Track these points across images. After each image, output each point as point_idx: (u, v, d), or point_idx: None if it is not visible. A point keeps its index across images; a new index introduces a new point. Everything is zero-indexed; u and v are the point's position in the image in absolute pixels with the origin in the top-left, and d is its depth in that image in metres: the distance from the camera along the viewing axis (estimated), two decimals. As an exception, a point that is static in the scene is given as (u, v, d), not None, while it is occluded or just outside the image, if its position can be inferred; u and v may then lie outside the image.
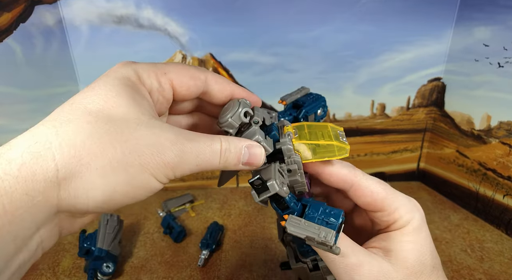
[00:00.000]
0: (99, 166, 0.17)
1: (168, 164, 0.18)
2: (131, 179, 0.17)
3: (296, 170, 0.24)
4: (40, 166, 0.16)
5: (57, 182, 0.16)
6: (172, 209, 0.62)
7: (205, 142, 0.20)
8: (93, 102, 0.18)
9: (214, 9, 0.57)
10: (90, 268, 0.43)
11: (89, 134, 0.17)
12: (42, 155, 0.16)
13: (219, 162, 0.20)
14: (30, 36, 0.50)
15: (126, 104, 0.19)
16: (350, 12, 0.59)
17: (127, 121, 0.18)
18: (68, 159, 0.16)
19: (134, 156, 0.17)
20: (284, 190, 0.22)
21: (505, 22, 0.50)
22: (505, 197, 0.53)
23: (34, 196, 0.15)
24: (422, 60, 0.63)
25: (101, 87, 0.19)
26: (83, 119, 0.17)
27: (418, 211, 0.25)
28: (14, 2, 0.47)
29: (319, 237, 0.21)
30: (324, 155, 0.24)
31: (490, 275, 0.45)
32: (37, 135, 0.16)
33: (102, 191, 0.17)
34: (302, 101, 0.28)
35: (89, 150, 0.17)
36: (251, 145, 0.22)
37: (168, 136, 0.19)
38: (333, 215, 0.23)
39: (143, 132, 0.18)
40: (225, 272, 0.47)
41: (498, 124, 0.53)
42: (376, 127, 0.68)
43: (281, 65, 0.62)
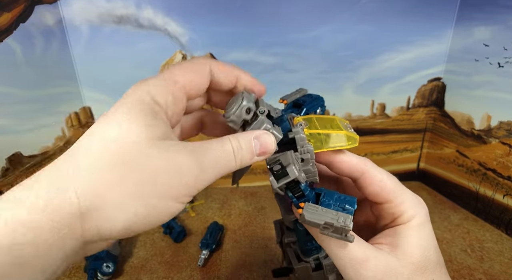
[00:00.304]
0: (116, 198, 0.17)
1: (188, 183, 0.19)
2: (151, 206, 0.18)
3: (309, 159, 0.24)
4: (64, 201, 0.16)
5: (80, 215, 0.17)
6: (172, 209, 0.62)
7: (217, 148, 0.20)
8: (109, 131, 0.18)
9: (214, 9, 0.57)
10: (90, 268, 0.43)
11: (106, 167, 0.17)
12: (65, 190, 0.16)
13: (235, 162, 0.21)
14: (30, 36, 0.50)
15: (140, 130, 0.19)
16: (350, 12, 0.59)
17: (141, 148, 0.18)
18: (88, 192, 0.17)
19: (152, 186, 0.18)
20: (302, 176, 0.22)
21: (505, 22, 0.50)
22: (505, 197, 0.53)
23: (60, 229, 0.16)
24: (422, 60, 0.63)
25: (116, 115, 0.19)
26: (100, 152, 0.18)
27: (423, 207, 0.25)
28: (14, 2, 0.47)
29: (338, 222, 0.21)
30: (335, 145, 0.24)
31: (490, 275, 0.45)
32: (60, 170, 0.17)
33: (122, 222, 0.18)
34: (302, 100, 0.29)
35: (105, 183, 0.17)
36: (259, 135, 0.22)
37: (183, 155, 0.19)
38: (348, 202, 0.23)
39: (157, 157, 0.18)
40: (225, 272, 0.47)
41: (498, 124, 0.53)
42: (376, 127, 0.68)
43: (281, 65, 0.62)
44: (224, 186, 0.71)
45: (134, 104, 0.20)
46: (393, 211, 0.25)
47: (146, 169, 0.18)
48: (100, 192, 0.17)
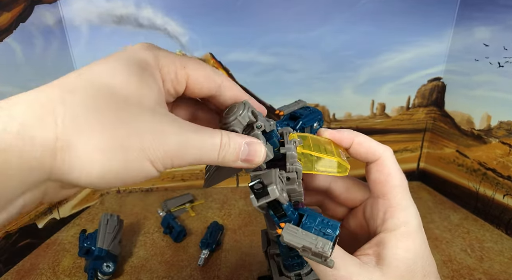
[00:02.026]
0: (98, 143, 0.16)
1: (168, 152, 0.18)
2: (129, 162, 0.17)
3: (295, 179, 0.24)
4: (41, 131, 0.15)
5: (54, 151, 0.16)
6: (172, 209, 0.63)
7: (206, 135, 0.20)
8: (103, 75, 0.18)
9: (214, 9, 0.57)
10: (90, 267, 0.43)
11: (93, 109, 0.16)
12: (44, 121, 0.15)
13: (217, 156, 0.20)
14: (30, 35, 0.50)
15: (136, 85, 0.18)
16: (350, 13, 0.59)
17: (134, 103, 0.18)
18: (69, 130, 0.16)
19: (135, 140, 0.17)
20: (284, 196, 0.22)
21: (505, 22, 0.50)
22: (505, 196, 0.53)
23: (28, 160, 0.15)
24: (422, 60, 0.63)
25: (114, 62, 0.19)
26: (90, 92, 0.17)
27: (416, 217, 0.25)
28: (14, 2, 0.47)
29: (316, 248, 0.21)
30: (326, 169, 0.24)
31: (490, 274, 0.45)
32: (43, 98, 0.16)
33: (97, 169, 0.17)
34: (299, 113, 0.29)
35: (91, 125, 0.16)
36: (251, 142, 0.21)
37: (172, 125, 0.18)
38: (330, 227, 0.22)
39: (147, 117, 0.18)
40: (225, 271, 0.47)
41: (498, 124, 0.53)
42: (376, 127, 0.68)
43: (281, 65, 0.62)
44: (224, 186, 0.71)
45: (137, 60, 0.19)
46: (385, 210, 0.25)
47: (134, 124, 0.17)
48: (82, 134, 0.16)
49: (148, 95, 0.19)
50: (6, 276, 0.47)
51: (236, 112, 0.22)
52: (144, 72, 0.19)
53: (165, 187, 0.71)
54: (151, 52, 0.21)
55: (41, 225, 0.54)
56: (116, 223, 0.48)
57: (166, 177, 0.70)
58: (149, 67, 0.20)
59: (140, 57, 0.20)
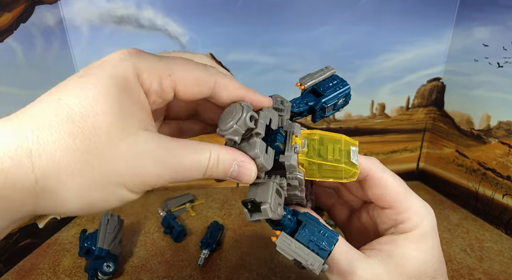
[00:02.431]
0: (76, 185, 0.17)
1: (146, 182, 0.18)
2: (107, 196, 0.18)
3: (297, 186, 0.23)
4: (20, 176, 0.15)
5: (35, 193, 0.16)
6: (172, 209, 0.63)
7: (191, 156, 0.19)
8: (80, 105, 0.17)
9: (214, 9, 0.58)
10: (91, 267, 0.43)
11: (69, 150, 0.16)
12: (22, 164, 0.15)
13: (202, 175, 0.20)
14: (30, 36, 0.51)
15: (115, 113, 0.17)
16: (350, 13, 0.59)
17: (111, 135, 0.17)
18: (47, 173, 0.16)
19: (112, 176, 0.17)
20: (278, 212, 0.21)
21: (504, 22, 0.50)
22: (505, 196, 0.53)
23: (12, 202, 0.16)
24: (422, 60, 0.63)
25: (91, 87, 0.17)
26: (66, 129, 0.16)
27: (429, 217, 0.24)
28: (14, 2, 0.48)
29: (307, 264, 0.21)
30: (330, 176, 0.22)
31: (490, 274, 0.45)
32: (18, 136, 0.16)
33: (78, 205, 0.17)
34: (322, 89, 0.25)
35: (67, 167, 0.16)
36: (242, 162, 0.20)
37: (152, 153, 0.18)
38: (327, 239, 0.22)
39: (124, 149, 0.17)
40: (225, 271, 0.47)
41: (498, 124, 0.53)
42: (376, 127, 0.68)
43: (281, 65, 0.62)
44: (224, 186, 0.71)
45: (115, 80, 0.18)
46: (395, 217, 0.24)
47: (110, 160, 0.17)
48: (59, 177, 0.16)
49: (127, 122, 0.18)
50: (7, 276, 0.47)
51: (233, 117, 0.20)
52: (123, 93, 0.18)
53: (166, 187, 0.71)
54: (131, 63, 0.19)
55: (41, 225, 0.54)
56: (117, 223, 0.48)
57: (166, 177, 0.70)
58: (128, 85, 0.18)
59: (118, 74, 0.18)
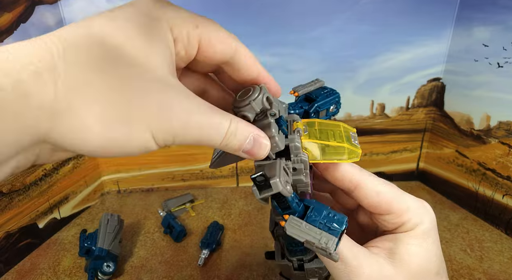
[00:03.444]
0: (102, 111, 0.15)
1: (171, 129, 0.17)
2: (131, 134, 0.16)
3: (302, 169, 0.23)
4: (38, 90, 0.14)
5: (52, 113, 0.14)
6: (172, 209, 0.63)
7: (214, 118, 0.18)
8: (114, 35, 0.16)
9: (214, 9, 0.58)
10: (91, 267, 0.43)
11: (98, 71, 0.15)
12: (43, 78, 0.14)
13: (220, 142, 0.19)
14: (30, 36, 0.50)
15: (148, 51, 0.17)
16: (350, 13, 0.59)
17: (144, 71, 0.16)
18: (71, 91, 0.14)
19: (141, 112, 0.16)
20: (287, 189, 0.21)
21: (504, 22, 0.50)
22: (505, 197, 0.53)
23: (23, 119, 0.14)
24: (422, 60, 0.63)
25: (125, 21, 0.17)
26: (97, 52, 0.15)
27: (428, 214, 0.23)
28: (14, 2, 0.48)
29: (320, 243, 0.20)
30: (333, 157, 0.23)
31: (490, 274, 0.45)
32: (42, 52, 0.14)
33: (98, 138, 0.15)
34: (315, 95, 0.27)
35: (95, 89, 0.15)
36: (258, 136, 0.20)
37: (182, 101, 0.17)
38: (337, 221, 0.22)
39: (156, 88, 0.16)
40: (225, 271, 0.47)
41: (498, 124, 0.53)
42: (376, 127, 0.68)
43: (281, 65, 0.62)
44: (224, 186, 0.72)
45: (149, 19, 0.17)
46: (394, 221, 0.24)
47: (142, 95, 0.16)
48: (85, 99, 0.14)
49: (157, 61, 0.17)
50: (7, 276, 0.47)
51: (250, 96, 0.21)
52: (154, 32, 0.17)
53: (166, 187, 0.71)
54: (161, 8, 0.18)
55: (41, 225, 0.54)
56: (117, 223, 0.48)
57: (166, 177, 0.70)
58: (159, 26, 0.18)
59: (150, 14, 0.18)
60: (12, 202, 0.48)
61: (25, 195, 0.51)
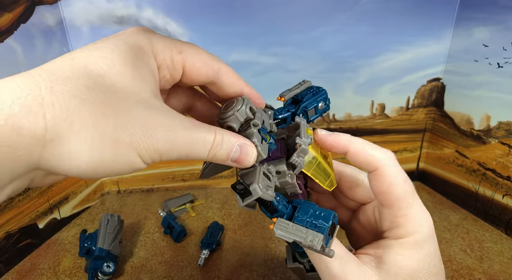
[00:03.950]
0: (89, 136, 0.16)
1: (157, 149, 0.18)
2: (118, 155, 0.17)
3: (285, 171, 0.23)
4: (29, 122, 0.14)
5: (43, 142, 0.15)
6: (172, 209, 0.63)
7: (199, 132, 0.19)
8: (96, 64, 0.17)
9: (214, 9, 0.58)
10: (91, 267, 0.43)
11: (85, 100, 0.16)
12: (33, 111, 0.15)
13: (207, 155, 0.20)
14: (30, 36, 0.51)
15: (131, 76, 0.18)
16: (350, 13, 0.59)
17: (127, 95, 0.17)
18: (59, 121, 0.15)
19: (126, 134, 0.17)
20: (268, 193, 0.21)
21: (504, 22, 0.50)
22: (505, 197, 0.53)
23: (16, 150, 0.14)
24: (422, 60, 0.63)
25: (108, 50, 0.18)
26: (82, 82, 0.16)
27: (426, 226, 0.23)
28: (15, 3, 0.48)
29: (306, 241, 0.21)
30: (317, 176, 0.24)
31: (490, 274, 0.45)
32: (30, 86, 0.15)
33: (86, 162, 0.16)
34: (301, 96, 0.27)
35: (81, 117, 0.16)
36: (244, 144, 0.21)
37: (165, 121, 0.18)
38: (323, 218, 0.22)
39: (140, 111, 0.17)
40: (225, 271, 0.47)
41: (498, 124, 0.53)
42: (376, 127, 0.68)
43: (281, 65, 0.62)
44: (224, 186, 0.72)
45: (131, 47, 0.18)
46: (392, 220, 0.24)
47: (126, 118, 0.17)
48: (72, 127, 0.15)
49: (142, 87, 0.18)
50: (7, 276, 0.47)
51: (234, 107, 0.22)
52: (138, 60, 0.19)
53: (166, 187, 0.71)
54: (145, 37, 0.20)
55: (41, 225, 0.54)
56: (117, 223, 0.48)
57: (166, 178, 0.70)
58: (143, 54, 0.19)
59: (134, 43, 0.19)
60: (12, 202, 0.49)
61: (25, 195, 0.51)
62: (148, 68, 0.19)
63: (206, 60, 0.22)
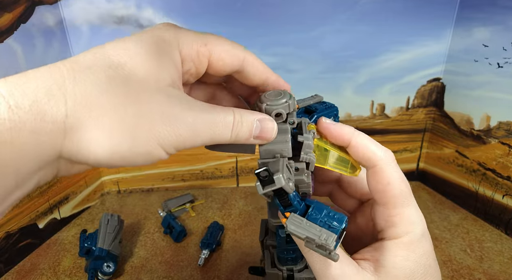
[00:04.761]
0: (107, 123, 0.16)
1: (180, 136, 0.18)
2: (136, 144, 0.17)
3: (304, 169, 0.23)
4: (51, 107, 0.15)
5: (64, 129, 0.15)
6: (172, 209, 0.63)
7: (218, 114, 0.19)
8: (118, 55, 0.18)
9: (214, 9, 0.58)
10: (91, 267, 0.43)
11: (105, 88, 0.16)
12: (55, 97, 0.15)
13: (230, 135, 0.20)
14: (31, 36, 0.51)
15: (152, 66, 0.18)
16: (350, 13, 0.59)
17: (147, 84, 0.18)
18: (79, 108, 0.16)
19: (145, 123, 0.17)
20: (290, 185, 0.21)
21: (504, 22, 0.50)
22: (505, 197, 0.53)
23: (41, 136, 0.15)
24: (422, 60, 0.63)
25: (132, 42, 0.18)
26: (103, 71, 0.17)
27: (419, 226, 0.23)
28: (15, 3, 0.48)
29: (320, 239, 0.20)
30: (336, 167, 0.24)
31: (490, 274, 0.45)
32: (55, 75, 0.16)
33: (104, 150, 0.16)
34: (314, 107, 0.28)
35: (101, 104, 0.16)
36: (263, 118, 0.21)
37: (185, 107, 0.18)
38: (337, 219, 0.22)
39: (159, 98, 0.18)
40: (225, 271, 0.47)
41: (498, 124, 0.53)
42: (376, 127, 0.68)
43: (281, 65, 0.62)
44: (224, 186, 0.72)
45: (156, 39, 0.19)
46: (386, 218, 0.24)
47: (145, 105, 0.17)
48: (92, 113, 0.16)
49: (162, 76, 0.18)
50: (7, 276, 0.47)
51: (283, 97, 0.23)
52: (162, 53, 0.19)
53: (166, 187, 0.71)
54: (171, 31, 0.20)
55: (41, 225, 0.54)
56: (117, 223, 0.48)
57: (166, 177, 0.70)
58: (168, 47, 0.19)
59: (159, 37, 0.19)
60: (12, 202, 0.49)
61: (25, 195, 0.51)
62: (171, 60, 0.19)
63: (231, 50, 0.22)
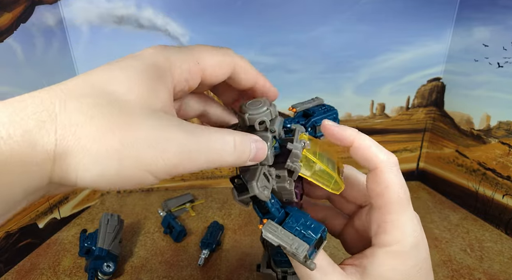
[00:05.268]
0: (94, 151, 0.16)
1: (168, 160, 0.17)
2: (122, 170, 0.17)
3: (285, 177, 0.23)
4: (42, 137, 0.15)
5: (53, 157, 0.16)
6: (172, 209, 0.63)
7: (215, 136, 0.19)
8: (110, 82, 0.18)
9: (214, 9, 0.58)
10: (91, 267, 0.43)
11: (95, 116, 0.16)
12: (46, 126, 0.15)
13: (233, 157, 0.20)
14: (30, 36, 0.51)
15: (143, 91, 0.18)
16: (350, 12, 0.59)
17: (137, 109, 0.18)
18: (68, 136, 0.16)
19: (131, 149, 0.17)
20: (264, 194, 0.21)
21: (504, 22, 0.50)
22: (505, 196, 0.53)
23: (30, 166, 0.15)
24: (422, 60, 0.63)
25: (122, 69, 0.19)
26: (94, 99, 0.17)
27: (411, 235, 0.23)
28: (14, 2, 0.48)
29: (291, 248, 0.21)
30: (319, 180, 0.24)
31: (490, 274, 0.45)
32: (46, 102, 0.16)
33: (91, 175, 0.17)
34: (312, 111, 0.28)
35: (89, 132, 0.16)
36: (256, 141, 0.21)
37: (174, 131, 0.18)
38: (312, 229, 0.22)
39: (149, 123, 0.17)
40: (225, 271, 0.47)
41: (498, 124, 0.53)
42: (376, 127, 0.68)
43: (281, 65, 0.62)
44: (224, 186, 0.72)
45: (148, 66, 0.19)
46: (379, 223, 0.23)
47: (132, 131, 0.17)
48: (80, 141, 0.16)
49: (154, 102, 0.18)
50: (7, 276, 0.47)
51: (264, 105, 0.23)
52: (153, 78, 0.19)
53: (166, 187, 0.71)
54: (162, 54, 0.20)
55: (41, 225, 0.54)
56: (117, 223, 0.48)
57: (166, 177, 0.70)
58: (159, 71, 0.20)
59: (151, 62, 0.20)
60: (12, 202, 0.49)
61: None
62: (162, 84, 0.19)
63: (222, 61, 0.23)
